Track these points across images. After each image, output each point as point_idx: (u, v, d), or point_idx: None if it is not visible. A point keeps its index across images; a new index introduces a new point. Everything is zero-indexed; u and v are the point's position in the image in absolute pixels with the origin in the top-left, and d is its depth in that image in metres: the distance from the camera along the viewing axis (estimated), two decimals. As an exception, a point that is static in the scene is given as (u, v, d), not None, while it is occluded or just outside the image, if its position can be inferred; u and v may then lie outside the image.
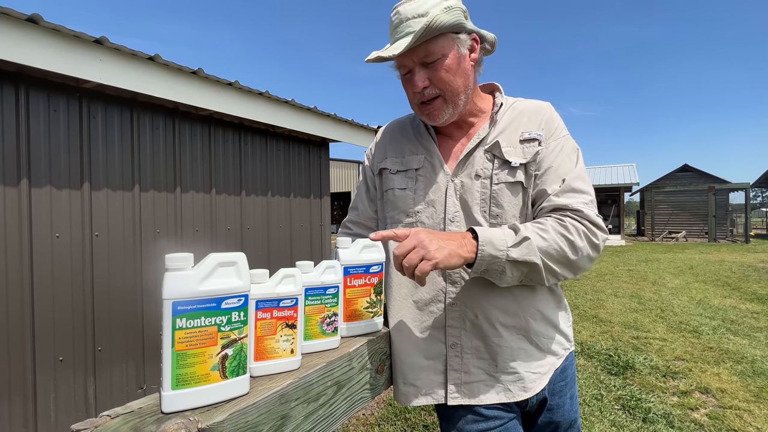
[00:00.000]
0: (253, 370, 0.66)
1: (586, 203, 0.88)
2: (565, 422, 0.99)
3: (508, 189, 0.91)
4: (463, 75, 0.91)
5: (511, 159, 0.91)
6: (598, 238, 0.86)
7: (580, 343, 4.14)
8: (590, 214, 0.86)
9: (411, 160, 1.01)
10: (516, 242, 0.80)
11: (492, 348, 0.91)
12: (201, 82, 2.54)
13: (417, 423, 2.66)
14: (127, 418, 0.52)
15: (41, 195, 2.02)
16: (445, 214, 0.94)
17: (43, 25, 1.81)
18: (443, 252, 0.76)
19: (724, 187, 18.03)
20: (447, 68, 0.88)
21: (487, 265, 0.80)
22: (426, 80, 0.89)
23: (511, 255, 0.79)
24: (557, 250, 0.82)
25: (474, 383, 0.92)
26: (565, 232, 0.83)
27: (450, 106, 0.92)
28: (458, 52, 0.90)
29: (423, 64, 0.89)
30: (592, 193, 0.91)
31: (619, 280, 7.86)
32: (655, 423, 2.60)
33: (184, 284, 0.55)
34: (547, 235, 0.82)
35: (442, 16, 0.83)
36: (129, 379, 2.36)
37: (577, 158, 0.94)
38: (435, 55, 0.87)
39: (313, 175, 3.82)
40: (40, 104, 2.03)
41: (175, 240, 2.59)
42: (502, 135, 0.94)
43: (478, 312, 0.91)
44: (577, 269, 0.87)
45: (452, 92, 0.90)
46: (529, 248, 0.80)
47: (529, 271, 0.82)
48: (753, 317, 5.08)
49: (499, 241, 0.79)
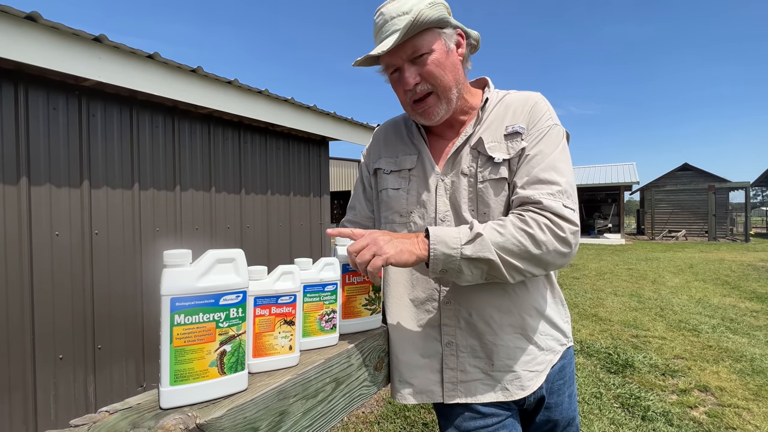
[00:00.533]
0: (252, 366, 0.66)
1: (552, 194, 0.83)
2: (563, 420, 0.99)
3: (493, 187, 0.90)
4: (452, 69, 0.90)
5: (494, 155, 0.90)
6: (564, 230, 0.80)
7: (580, 342, 4.14)
8: (553, 204, 0.82)
9: (404, 161, 1.01)
10: (469, 239, 0.78)
11: (487, 346, 0.91)
12: (200, 80, 2.54)
13: (416, 421, 2.67)
14: (126, 414, 0.52)
15: (41, 193, 2.02)
16: (436, 214, 0.94)
17: (41, 22, 1.81)
18: (394, 248, 0.77)
19: (724, 186, 18.03)
20: (436, 62, 0.88)
21: (443, 264, 0.79)
22: (416, 76, 0.88)
23: (464, 252, 0.78)
24: (516, 245, 0.78)
25: (470, 382, 0.92)
26: (524, 226, 0.80)
27: (443, 102, 0.91)
28: (445, 47, 0.90)
29: (411, 61, 0.88)
30: (564, 182, 0.85)
31: (619, 278, 7.87)
32: (654, 421, 2.61)
33: (183, 280, 0.55)
34: (504, 230, 0.79)
35: (427, 11, 0.83)
36: (129, 377, 2.37)
37: (555, 146, 0.89)
38: (423, 50, 0.87)
39: (313, 173, 3.82)
40: (40, 102, 2.03)
41: (174, 238, 2.59)
42: (487, 131, 0.93)
43: (472, 310, 0.91)
44: (546, 264, 0.82)
45: (444, 87, 0.90)
46: (482, 244, 0.78)
47: (489, 268, 0.79)
48: (752, 316, 5.08)
49: (452, 240, 0.78)
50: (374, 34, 0.92)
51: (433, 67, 0.88)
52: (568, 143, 1.00)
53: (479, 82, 1.06)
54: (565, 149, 0.91)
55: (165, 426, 0.49)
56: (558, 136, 0.91)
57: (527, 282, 0.92)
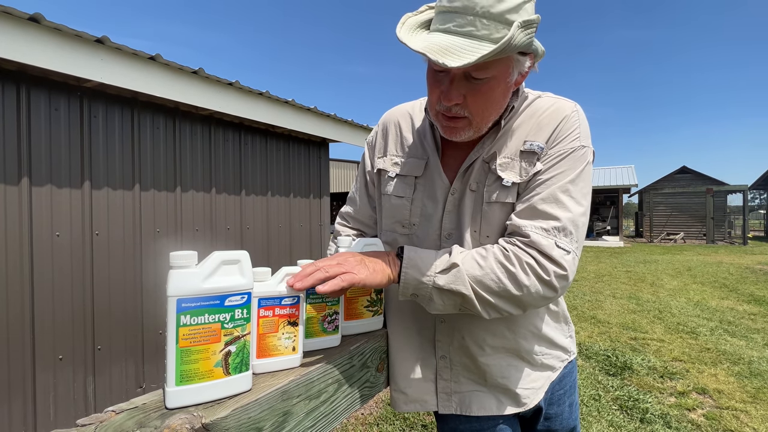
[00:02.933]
0: (256, 367, 0.67)
1: (546, 230, 0.73)
2: (563, 430, 0.97)
3: (500, 211, 0.80)
4: (502, 101, 0.77)
5: (504, 176, 0.79)
6: (549, 273, 0.70)
7: (579, 344, 4.15)
8: (543, 242, 0.72)
9: (412, 166, 0.90)
10: (443, 268, 0.71)
11: (480, 367, 0.88)
12: (202, 82, 2.55)
13: (416, 423, 2.67)
14: (132, 414, 0.53)
15: (42, 194, 2.03)
16: (441, 231, 0.86)
17: (44, 24, 1.82)
18: (366, 269, 0.71)
19: (722, 189, 18.09)
20: (490, 92, 0.73)
21: (413, 289, 0.73)
22: (461, 97, 0.73)
23: (437, 282, 0.71)
24: (495, 281, 0.71)
25: (465, 393, 0.89)
26: (505, 262, 0.71)
27: (473, 130, 0.79)
28: (510, 75, 0.74)
29: (466, 75, 0.72)
30: (566, 218, 0.73)
31: (618, 281, 7.88)
32: (653, 423, 2.61)
33: (189, 281, 0.56)
34: (485, 263, 0.72)
35: (520, 36, 0.64)
36: (128, 378, 2.36)
37: (571, 173, 0.76)
38: (486, 74, 0.70)
39: (313, 175, 3.82)
40: (41, 103, 2.04)
41: (175, 239, 2.59)
42: (504, 143, 0.81)
43: (465, 333, 0.87)
44: (525, 306, 0.74)
45: (482, 119, 0.77)
46: (457, 276, 0.71)
47: (462, 301, 0.72)
48: (750, 319, 5.09)
49: (426, 266, 0.72)
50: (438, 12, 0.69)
51: (483, 98, 0.74)
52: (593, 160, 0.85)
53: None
54: (581, 177, 0.77)
55: (171, 425, 0.50)
56: (579, 161, 0.78)
57: None
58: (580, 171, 0.77)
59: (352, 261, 0.72)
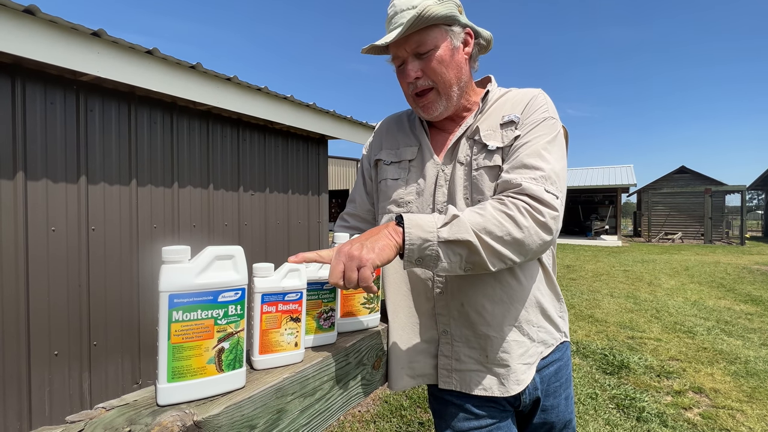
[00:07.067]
0: (258, 362, 0.66)
1: (534, 178, 0.80)
2: (559, 422, 0.99)
3: (487, 174, 0.89)
4: (455, 67, 0.91)
5: (489, 142, 0.89)
6: (543, 215, 0.77)
7: (576, 343, 4.16)
8: (534, 188, 0.79)
9: (405, 152, 1.01)
10: (445, 222, 0.74)
11: (481, 337, 0.90)
12: (199, 76, 2.53)
13: (412, 420, 2.67)
14: (123, 410, 0.52)
15: (37, 188, 2.01)
16: (434, 204, 0.94)
17: (40, 16, 1.80)
18: (372, 249, 0.70)
19: (720, 189, 18.13)
20: (439, 59, 0.89)
21: (418, 250, 0.73)
22: (418, 71, 0.90)
23: (441, 235, 0.73)
24: (497, 226, 0.74)
25: (465, 372, 0.91)
26: (504, 209, 0.76)
27: (443, 99, 0.92)
28: (451, 44, 0.90)
29: (416, 55, 0.90)
30: (548, 168, 0.82)
31: (615, 280, 7.89)
32: (649, 422, 2.62)
33: (181, 277, 0.55)
34: (484, 212, 0.76)
35: (435, 7, 0.84)
36: (124, 374, 2.36)
37: (546, 136, 0.87)
38: (427, 46, 0.88)
39: (312, 171, 3.81)
40: (37, 97, 2.02)
41: (171, 235, 2.58)
42: (485, 121, 0.94)
43: (464, 300, 0.90)
44: (527, 250, 0.77)
45: (444, 84, 0.91)
46: (459, 225, 0.73)
47: (468, 253, 0.74)
48: (747, 318, 5.11)
49: (427, 223, 0.74)
50: (386, 24, 0.93)
51: (435, 64, 0.89)
52: (567, 142, 1.00)
53: (483, 80, 1.07)
54: (556, 141, 0.88)
55: (162, 423, 0.49)
56: (551, 128, 0.89)
57: (520, 273, 0.91)
58: (554, 136, 0.88)
59: (355, 251, 0.71)
